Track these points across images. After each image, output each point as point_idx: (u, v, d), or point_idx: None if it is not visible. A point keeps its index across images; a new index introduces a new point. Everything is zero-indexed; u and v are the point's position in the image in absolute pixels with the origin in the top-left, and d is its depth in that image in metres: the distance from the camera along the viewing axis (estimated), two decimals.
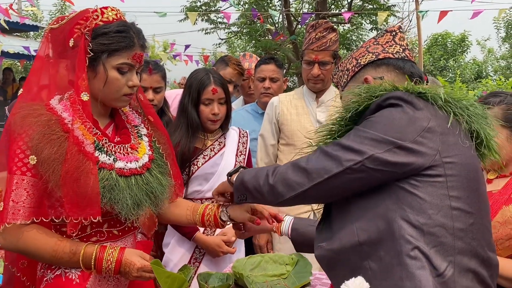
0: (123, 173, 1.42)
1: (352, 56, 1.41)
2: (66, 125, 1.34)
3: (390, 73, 1.34)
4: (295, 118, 2.54)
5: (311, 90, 2.57)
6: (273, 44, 10.44)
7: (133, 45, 1.41)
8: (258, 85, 2.97)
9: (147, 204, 1.47)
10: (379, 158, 1.09)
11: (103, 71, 1.38)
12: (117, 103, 1.48)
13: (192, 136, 2.23)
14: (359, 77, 1.36)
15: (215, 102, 2.21)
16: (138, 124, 1.60)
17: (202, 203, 2.23)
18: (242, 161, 2.35)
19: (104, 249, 1.40)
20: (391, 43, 1.39)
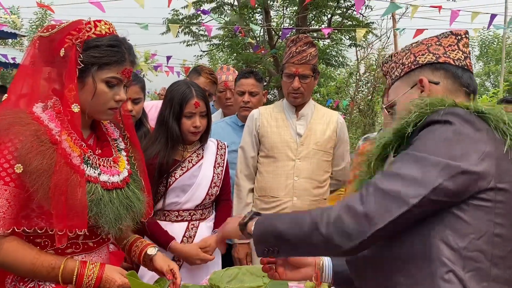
0: (106, 187, 1.43)
1: (410, 51, 1.32)
2: (53, 136, 1.34)
3: (447, 80, 1.25)
4: (275, 131, 2.56)
5: (291, 104, 2.61)
6: (254, 57, 10.52)
7: (123, 60, 1.43)
8: (237, 98, 2.99)
9: (127, 219, 1.48)
10: (445, 189, 1.00)
11: (91, 83, 1.39)
12: (102, 116, 1.49)
13: (172, 148, 2.23)
14: (414, 76, 1.29)
15: (197, 115, 2.22)
16: (117, 138, 1.61)
17: (180, 214, 2.28)
18: (220, 173, 2.36)
19: (85, 265, 1.40)
20: (454, 47, 1.29)
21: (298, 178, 2.49)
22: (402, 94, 1.29)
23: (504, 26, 8.72)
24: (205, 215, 2.34)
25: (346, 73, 15.30)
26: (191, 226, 2.28)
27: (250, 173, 2.61)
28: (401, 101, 1.29)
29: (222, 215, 2.41)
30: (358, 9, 9.10)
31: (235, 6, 11.65)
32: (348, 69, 14.38)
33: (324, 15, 11.61)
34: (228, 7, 11.64)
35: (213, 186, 2.32)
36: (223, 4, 11.47)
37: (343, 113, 12.16)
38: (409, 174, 1.03)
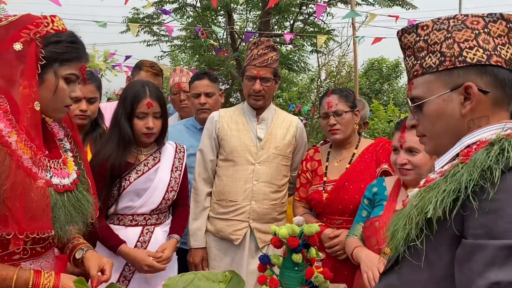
0: (58, 190, 1.38)
1: (452, 36, 1.05)
2: (3, 138, 1.27)
3: (496, 89, 1.03)
4: (235, 134, 2.54)
5: (251, 107, 2.59)
6: (217, 60, 10.48)
7: (82, 57, 1.42)
8: (193, 101, 2.95)
9: (78, 222, 1.44)
10: None
11: (53, 79, 1.35)
12: (57, 114, 1.45)
13: (124, 150, 2.16)
14: (457, 76, 1.05)
15: (150, 116, 2.16)
16: (62, 138, 1.55)
17: (134, 219, 2.22)
18: (177, 177, 2.31)
19: (40, 274, 1.35)
20: (504, 39, 1.04)
21: (257, 182, 2.48)
22: (438, 95, 1.06)
23: None
24: (160, 219, 2.28)
25: (308, 79, 15.53)
26: (146, 231, 2.22)
27: (208, 176, 2.58)
28: (435, 102, 1.07)
29: (178, 220, 2.37)
30: (319, 16, 9.26)
31: (198, 7, 11.58)
32: (309, 75, 14.59)
33: (286, 21, 11.73)
34: (190, 9, 11.55)
35: (170, 190, 2.26)
36: (185, 5, 11.37)
37: (304, 118, 12.32)
38: None
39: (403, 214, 1.05)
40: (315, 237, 1.83)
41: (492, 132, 1.01)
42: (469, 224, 0.91)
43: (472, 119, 1.04)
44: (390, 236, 1.09)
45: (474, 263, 0.88)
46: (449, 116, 1.06)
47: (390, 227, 1.10)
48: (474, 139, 1.02)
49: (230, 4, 10.50)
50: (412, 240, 0.99)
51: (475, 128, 1.04)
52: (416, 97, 1.12)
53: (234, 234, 2.48)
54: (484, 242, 0.88)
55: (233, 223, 2.49)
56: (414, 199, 1.04)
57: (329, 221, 2.37)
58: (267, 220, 2.49)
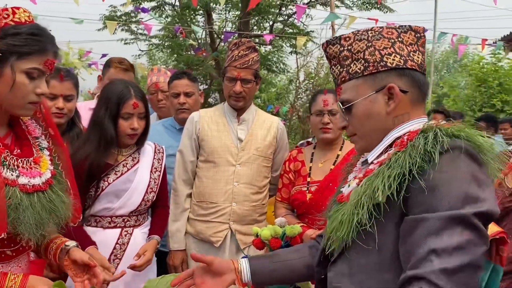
0: (26, 190, 1.31)
1: (373, 45, 1.19)
2: None
3: (413, 89, 1.18)
4: (215, 135, 2.51)
5: (232, 108, 2.57)
6: (195, 60, 10.40)
7: (46, 50, 1.32)
8: (173, 101, 2.90)
9: (51, 224, 1.37)
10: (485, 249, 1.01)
11: (9, 74, 1.27)
12: (21, 111, 1.36)
13: (104, 151, 2.11)
14: (380, 79, 1.17)
15: (135, 117, 2.12)
16: (39, 136, 1.48)
17: (113, 221, 2.16)
18: (157, 178, 2.27)
19: (5, 276, 1.27)
20: (414, 47, 1.20)
21: (238, 184, 2.46)
22: (365, 97, 1.19)
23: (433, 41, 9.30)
24: (140, 221, 2.24)
25: (287, 80, 15.57)
26: (125, 233, 2.18)
27: (188, 178, 2.54)
28: (363, 104, 1.19)
29: (158, 221, 2.33)
30: (299, 18, 9.29)
31: (177, 6, 11.47)
32: (288, 76, 14.63)
33: (266, 22, 11.73)
34: (169, 7, 11.43)
35: (149, 191, 2.22)
36: (163, 3, 11.24)
37: (283, 119, 12.34)
38: (465, 240, 0.97)
39: (349, 204, 1.14)
40: (297, 238, 1.82)
41: (418, 124, 1.16)
42: (411, 203, 1.03)
43: (396, 116, 1.17)
44: (335, 227, 1.17)
45: (415, 235, 1.00)
46: (375, 114, 1.18)
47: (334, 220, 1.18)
48: (402, 132, 1.16)
49: (209, 4, 10.44)
50: (363, 225, 1.08)
51: (399, 123, 1.18)
52: (345, 101, 1.23)
53: (214, 236, 2.45)
54: (423, 215, 1.01)
55: (214, 225, 2.46)
56: (361, 187, 1.12)
57: (311, 222, 2.37)
58: (248, 222, 2.47)
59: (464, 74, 16.30)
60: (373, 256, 1.09)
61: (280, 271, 1.42)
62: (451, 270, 0.95)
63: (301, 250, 1.46)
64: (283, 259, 1.44)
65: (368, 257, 1.10)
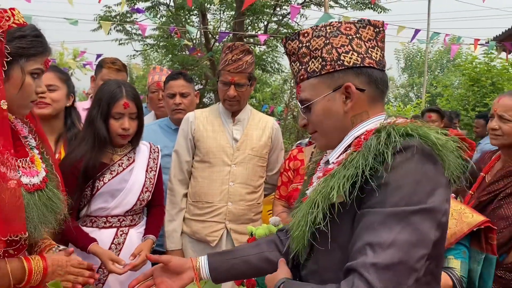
0: (28, 189, 1.34)
1: (330, 43, 1.17)
2: None
3: (370, 86, 1.17)
4: (211, 135, 2.52)
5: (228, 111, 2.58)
6: (190, 60, 10.39)
7: (47, 50, 1.38)
8: (168, 101, 2.90)
9: (52, 221, 1.39)
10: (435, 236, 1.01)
11: (19, 76, 1.31)
12: (23, 110, 1.40)
13: (99, 151, 2.12)
14: (337, 78, 1.16)
15: (126, 117, 2.12)
16: (27, 135, 1.50)
17: (108, 221, 2.17)
18: (152, 177, 2.28)
19: (29, 260, 1.35)
20: (373, 43, 1.19)
21: (233, 184, 2.47)
22: (323, 96, 1.18)
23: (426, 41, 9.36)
24: (135, 221, 2.25)
25: (281, 80, 15.60)
26: (120, 233, 2.19)
27: (184, 178, 2.55)
28: (321, 103, 1.19)
29: (153, 221, 2.34)
30: (293, 17, 9.31)
31: (171, 6, 11.45)
32: (283, 76, 14.66)
33: (260, 22, 11.74)
34: (164, 7, 11.41)
35: (144, 191, 2.23)
36: (158, 4, 11.22)
37: (277, 118, 12.37)
38: (402, 238, 0.97)
39: (305, 203, 1.15)
40: None
41: (375, 123, 1.16)
42: (365, 202, 1.03)
43: (354, 114, 1.17)
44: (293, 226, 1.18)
45: (358, 229, 1.02)
46: (334, 113, 1.18)
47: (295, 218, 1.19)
48: (361, 131, 1.15)
49: (204, 4, 10.44)
50: (317, 224, 1.09)
51: (358, 122, 1.17)
52: (304, 99, 1.22)
53: (210, 235, 2.47)
54: (368, 210, 1.02)
55: (210, 225, 2.47)
56: (318, 186, 1.14)
57: None
58: (243, 221, 2.49)
59: (457, 74, 16.40)
60: (336, 255, 1.09)
61: (238, 267, 1.43)
62: (382, 266, 0.95)
63: (260, 245, 1.47)
64: (241, 255, 1.44)
65: (332, 256, 1.11)
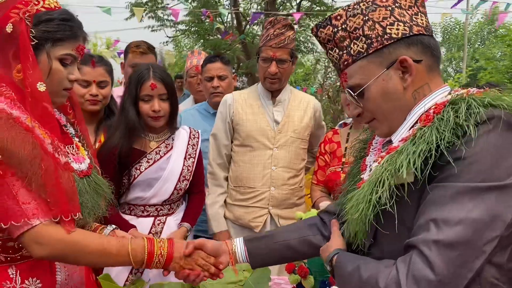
0: (78, 175, 1.33)
1: (370, 18, 1.07)
2: (23, 123, 1.19)
3: (426, 56, 1.06)
4: (251, 118, 2.45)
5: (267, 90, 2.49)
6: (222, 44, 10.33)
7: (77, 35, 1.32)
8: (206, 85, 2.87)
9: (103, 207, 1.40)
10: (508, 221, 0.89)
11: (46, 61, 1.26)
12: (56, 98, 1.35)
13: (131, 137, 2.07)
14: (388, 53, 1.06)
15: (155, 98, 2.06)
16: (66, 124, 1.48)
17: (146, 209, 2.13)
18: (190, 165, 2.21)
19: (152, 242, 1.35)
20: (414, 10, 1.09)
21: (276, 168, 2.40)
22: (376, 77, 1.07)
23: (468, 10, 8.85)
24: (173, 209, 2.20)
25: (314, 60, 15.32)
26: (158, 222, 2.15)
27: (223, 162, 2.50)
28: (376, 85, 1.08)
29: (192, 207, 2.28)
30: None
31: None
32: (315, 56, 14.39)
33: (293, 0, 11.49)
34: None
35: (182, 180, 2.17)
36: None
37: None
38: (473, 216, 0.87)
39: (367, 183, 1.04)
40: None
41: (441, 95, 1.05)
42: (436, 178, 0.93)
43: (415, 90, 1.06)
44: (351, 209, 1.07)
45: (424, 204, 0.94)
46: (393, 93, 1.07)
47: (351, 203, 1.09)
48: (427, 105, 1.04)
49: None
50: (382, 205, 0.98)
51: (421, 97, 1.06)
52: (355, 86, 1.11)
53: (254, 221, 2.41)
54: (437, 184, 0.93)
55: (253, 210, 2.42)
56: (382, 165, 1.02)
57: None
58: (287, 206, 2.43)
59: (501, 46, 15.60)
60: (403, 239, 0.97)
61: (278, 251, 1.39)
62: (446, 243, 0.87)
63: (302, 229, 1.42)
64: (281, 239, 1.40)
65: (398, 240, 0.99)
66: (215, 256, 1.42)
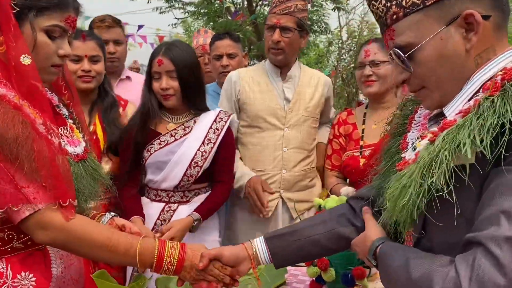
0: (73, 159, 1.21)
1: None
2: (11, 101, 1.07)
3: (495, 10, 0.89)
4: (258, 97, 2.28)
5: (273, 64, 2.32)
6: (233, 25, 10.10)
7: (66, 4, 1.18)
8: (215, 64, 2.73)
9: (100, 193, 1.29)
10: None
11: (30, 33, 1.13)
12: (44, 76, 1.21)
13: (147, 117, 1.99)
14: (449, 8, 0.89)
15: (164, 76, 1.96)
16: (58, 104, 1.34)
17: (158, 194, 2.02)
18: (208, 150, 2.02)
19: (164, 245, 1.23)
20: None
21: (287, 149, 2.25)
22: (434, 35, 0.89)
23: None
24: (187, 197, 2.06)
25: (327, 42, 15.00)
26: (167, 209, 2.02)
27: None
28: (432, 45, 0.90)
29: (210, 197, 2.08)
30: None
31: None
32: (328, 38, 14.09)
33: None
34: None
35: (193, 166, 2.01)
36: None
37: None
38: None
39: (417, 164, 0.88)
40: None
41: (508, 59, 0.88)
42: (505, 159, 0.77)
43: (479, 53, 0.89)
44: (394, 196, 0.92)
45: (489, 190, 0.79)
46: (452, 55, 0.90)
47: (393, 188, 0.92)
48: (491, 72, 0.88)
49: None
50: (438, 190, 0.83)
51: (484, 62, 0.90)
52: (405, 45, 0.93)
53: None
54: (507, 167, 0.77)
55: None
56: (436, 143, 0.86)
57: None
58: (299, 188, 2.27)
59: None
60: (461, 231, 0.83)
61: (305, 249, 1.25)
62: None
63: (328, 222, 1.26)
64: (307, 235, 1.25)
65: (454, 232, 0.85)
66: (234, 265, 1.29)
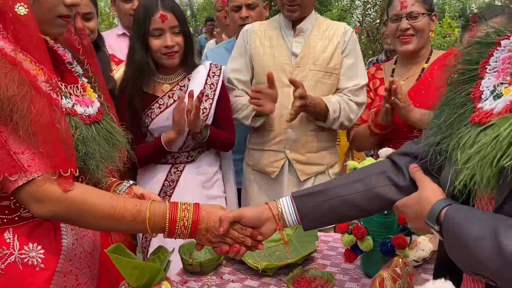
0: (84, 120, 1.11)
1: None
2: (8, 56, 0.96)
3: None
4: (268, 52, 2.15)
5: (288, 19, 2.16)
6: None
7: None
8: (234, 16, 2.54)
9: (114, 157, 1.18)
10: None
11: None
12: (50, 29, 1.11)
13: (140, 79, 1.88)
14: None
15: (167, 32, 1.84)
16: (71, 61, 1.23)
17: (163, 156, 1.97)
18: (207, 107, 1.97)
19: (176, 207, 1.14)
20: None
21: None
22: None
23: None
24: (192, 157, 2.01)
25: None
26: (174, 170, 1.99)
27: None
28: None
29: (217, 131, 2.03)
30: None
31: None
32: None
33: None
34: None
35: None
36: None
37: None
38: None
39: (506, 118, 0.77)
40: None
41: None
42: None
43: None
44: (471, 156, 0.80)
45: None
46: None
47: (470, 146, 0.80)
48: None
49: None
50: None
51: None
52: None
53: (270, 166, 2.16)
54: None
55: (268, 154, 2.16)
56: None
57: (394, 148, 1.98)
58: (309, 150, 2.13)
59: None
60: None
61: (337, 209, 1.14)
62: None
63: (365, 179, 1.14)
64: (340, 194, 1.14)
65: None
66: (256, 226, 1.19)
